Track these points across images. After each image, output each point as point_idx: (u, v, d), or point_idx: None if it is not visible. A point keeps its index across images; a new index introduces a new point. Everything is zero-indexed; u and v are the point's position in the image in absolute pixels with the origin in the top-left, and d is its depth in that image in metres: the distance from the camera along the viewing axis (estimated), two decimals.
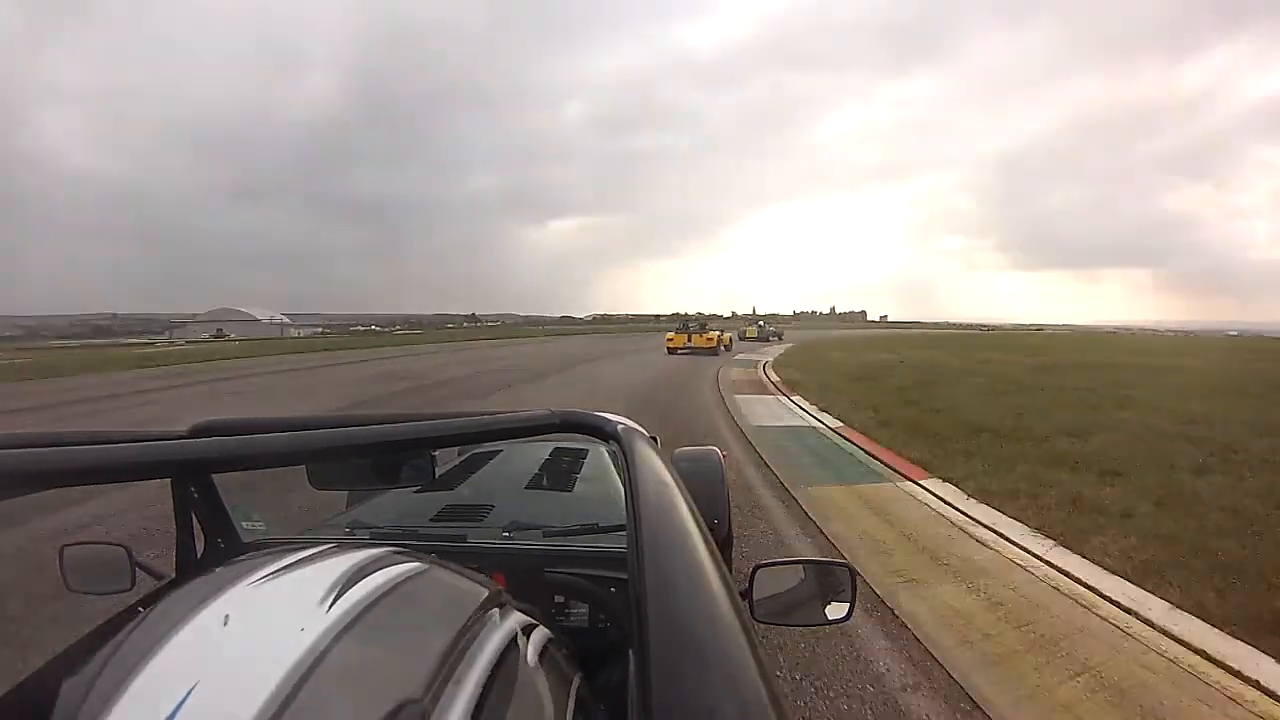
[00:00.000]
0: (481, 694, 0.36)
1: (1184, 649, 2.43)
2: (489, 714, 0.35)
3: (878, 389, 10.69)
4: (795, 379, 12.55)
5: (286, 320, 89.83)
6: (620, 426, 0.83)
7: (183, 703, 0.30)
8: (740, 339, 29.20)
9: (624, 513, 0.67)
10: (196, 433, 0.83)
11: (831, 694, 2.16)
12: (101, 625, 0.85)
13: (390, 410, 5.68)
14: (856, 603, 1.10)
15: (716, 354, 21.28)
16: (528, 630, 0.47)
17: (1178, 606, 2.75)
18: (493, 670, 0.38)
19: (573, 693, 0.47)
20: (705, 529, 0.52)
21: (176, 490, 1.04)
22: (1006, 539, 3.64)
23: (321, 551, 0.43)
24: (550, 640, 0.49)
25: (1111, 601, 2.83)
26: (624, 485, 0.67)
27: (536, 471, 1.88)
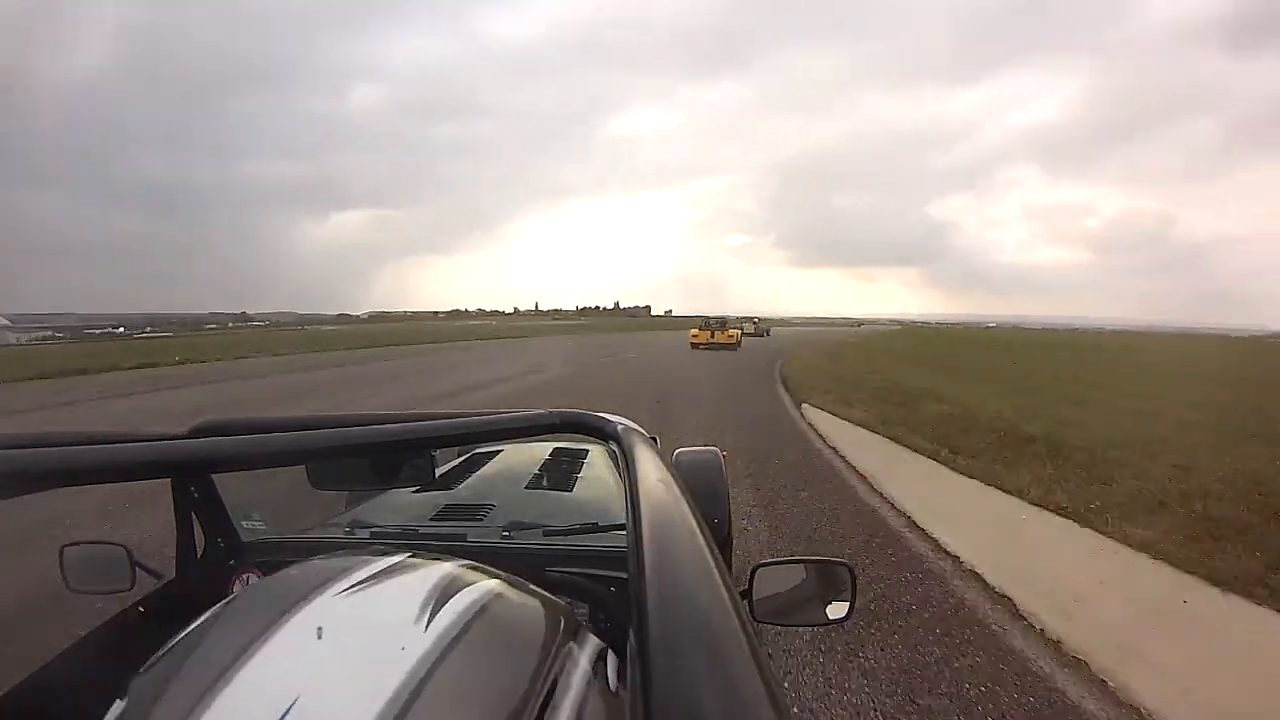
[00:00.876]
0: (577, 716, 0.37)
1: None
2: None
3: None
4: None
5: (5, 323, 74.38)
6: (620, 426, 0.83)
7: (288, 713, 0.29)
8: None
9: (624, 512, 0.67)
10: (196, 433, 0.83)
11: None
12: (102, 625, 0.85)
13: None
14: (856, 602, 1.09)
15: (737, 349, 23.25)
16: (603, 654, 0.48)
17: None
18: (584, 694, 0.39)
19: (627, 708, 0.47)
20: (705, 529, 0.52)
21: (176, 490, 1.04)
22: None
23: (399, 563, 0.43)
24: (619, 664, 0.49)
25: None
26: (624, 485, 0.67)
27: (536, 471, 1.89)
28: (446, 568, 0.44)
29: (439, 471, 0.99)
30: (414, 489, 1.52)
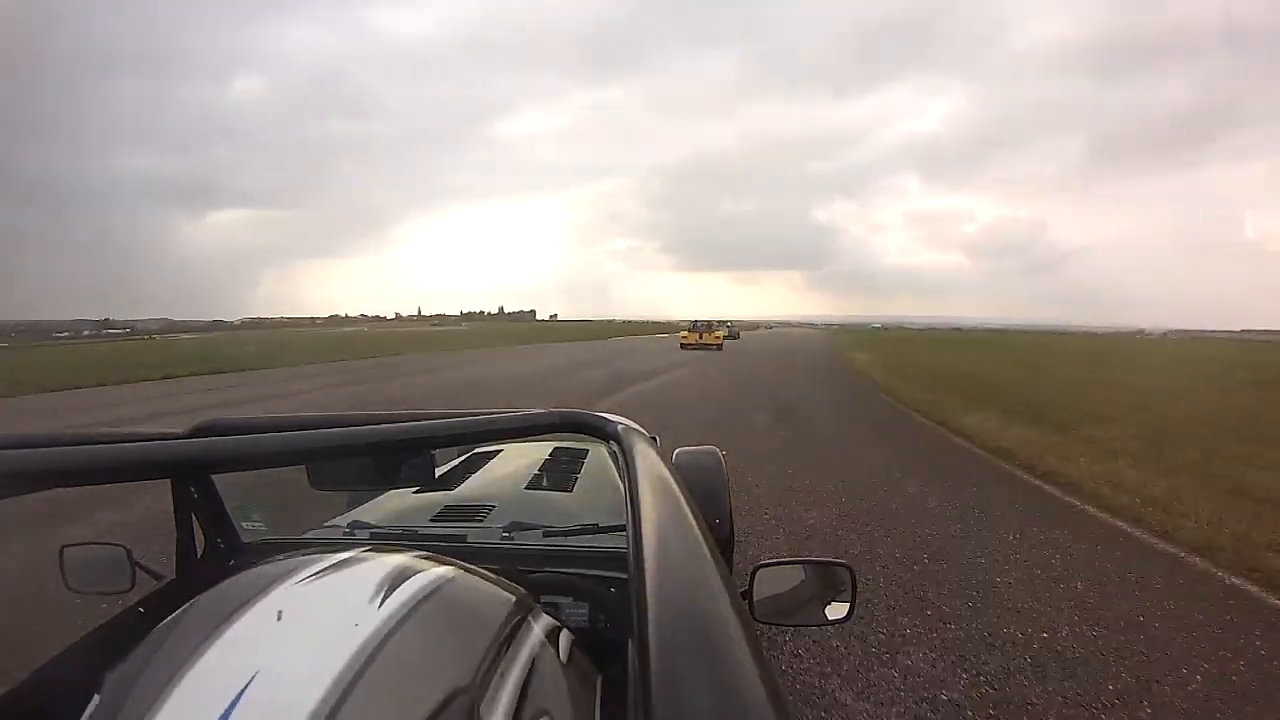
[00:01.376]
0: (523, 688, 0.38)
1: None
2: (530, 706, 0.37)
3: None
4: None
5: None
6: (620, 426, 0.83)
7: (243, 692, 0.31)
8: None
9: (624, 513, 0.67)
10: (196, 433, 0.83)
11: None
12: (102, 626, 0.85)
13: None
14: (857, 603, 1.09)
15: (721, 349, 25.64)
16: (555, 632, 0.49)
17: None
18: (532, 663, 0.41)
19: (598, 691, 0.48)
20: (705, 529, 0.52)
21: (176, 490, 1.04)
22: None
23: (356, 555, 0.45)
24: (575, 643, 0.50)
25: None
26: (624, 485, 0.67)
27: (536, 472, 1.88)
28: (403, 557, 0.45)
29: (439, 472, 0.99)
30: (414, 489, 1.52)
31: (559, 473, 1.89)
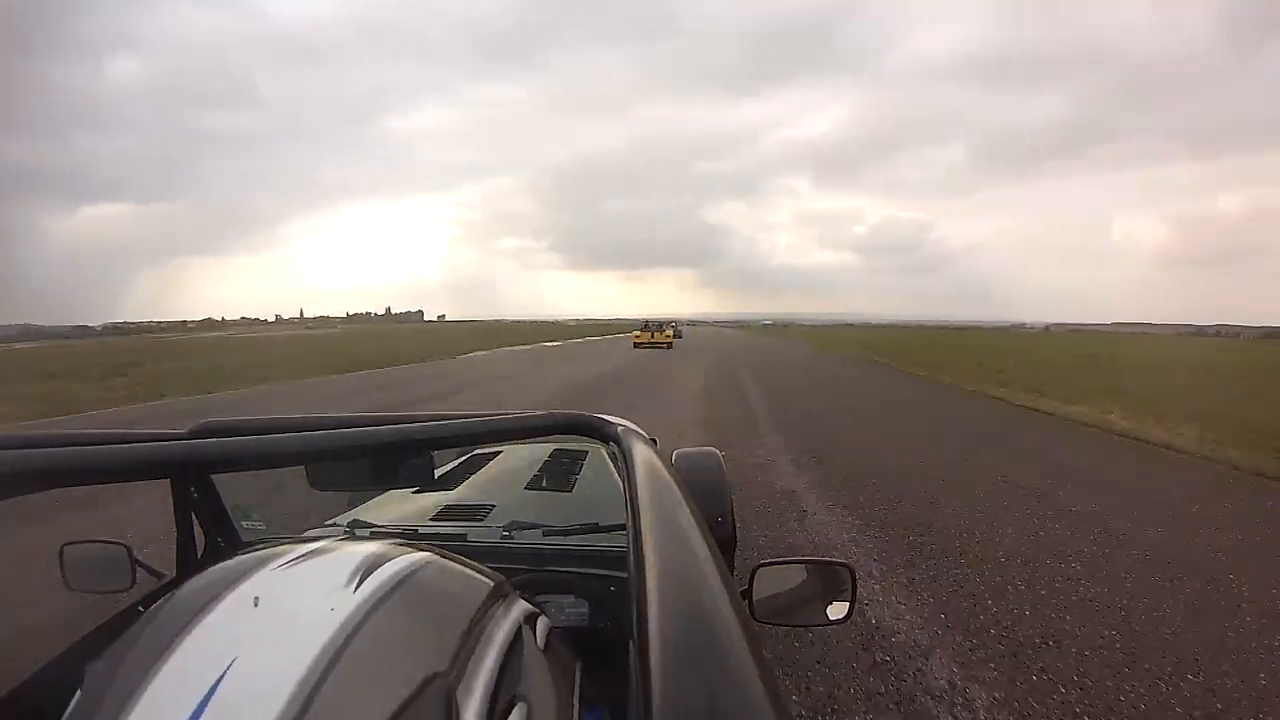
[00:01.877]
0: (499, 672, 0.38)
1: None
2: (505, 691, 0.38)
3: None
4: None
5: None
6: (619, 428, 0.83)
7: (222, 677, 0.31)
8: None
9: (624, 513, 0.67)
10: (197, 433, 0.83)
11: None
12: (102, 625, 0.85)
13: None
14: (857, 603, 1.10)
15: (671, 347, 28.51)
16: (532, 619, 0.49)
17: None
18: (507, 651, 0.41)
19: (576, 678, 0.48)
20: (705, 529, 0.52)
21: (176, 490, 1.04)
22: None
23: (331, 544, 0.45)
24: (553, 630, 0.50)
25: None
26: (623, 485, 0.67)
27: (536, 472, 1.89)
28: (378, 544, 0.46)
29: (439, 472, 0.99)
30: (415, 489, 1.52)
31: (559, 473, 1.89)
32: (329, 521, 1.50)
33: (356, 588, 0.39)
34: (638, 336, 30.23)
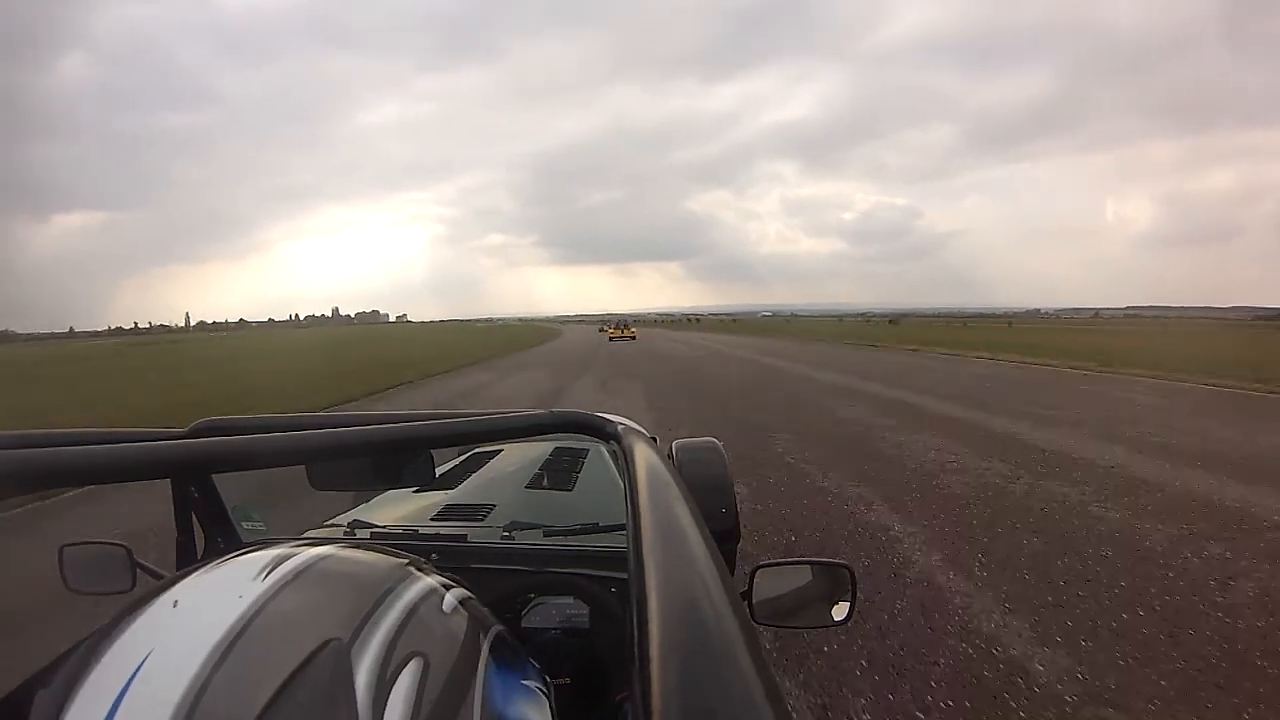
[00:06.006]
0: (397, 631, 0.41)
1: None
2: (403, 647, 0.40)
3: None
4: None
5: None
6: (620, 426, 0.83)
7: (140, 667, 0.35)
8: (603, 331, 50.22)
9: (624, 512, 0.67)
10: (196, 432, 0.83)
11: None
12: (102, 625, 0.85)
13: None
14: (857, 605, 1.09)
15: (635, 338, 38.20)
16: (446, 587, 0.50)
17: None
18: (409, 612, 0.43)
19: (488, 635, 0.49)
20: (705, 529, 0.52)
21: (176, 490, 1.04)
22: None
23: (250, 548, 0.48)
24: (469, 597, 0.52)
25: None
26: (624, 485, 0.67)
27: (537, 471, 1.89)
28: (295, 544, 0.49)
29: (439, 471, 0.99)
30: (414, 489, 1.52)
31: (559, 472, 1.89)
32: (329, 521, 1.50)
33: (266, 576, 0.42)
34: (611, 332, 41.38)
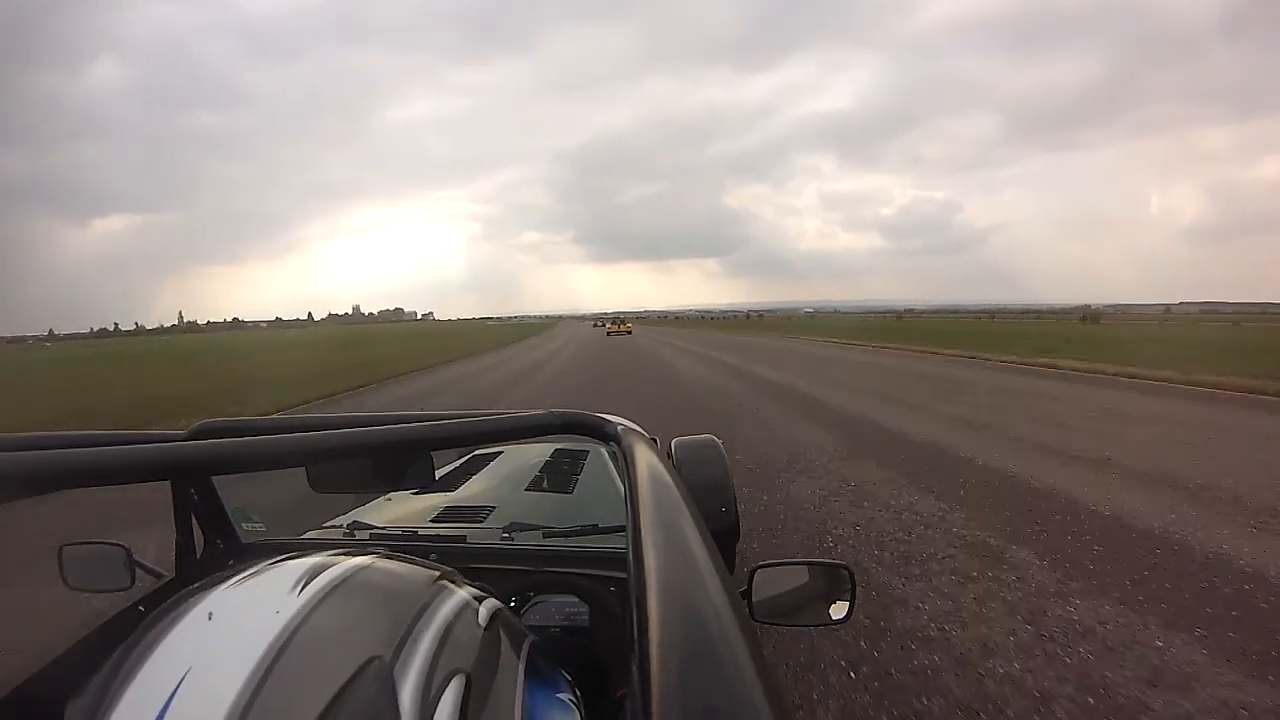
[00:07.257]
0: (438, 647, 0.40)
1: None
2: (443, 665, 0.39)
3: None
4: None
5: None
6: (620, 427, 0.83)
7: (179, 686, 0.34)
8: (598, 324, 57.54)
9: (624, 513, 0.68)
10: (196, 434, 0.83)
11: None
12: (102, 625, 0.85)
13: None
14: (856, 604, 1.10)
15: (631, 333, 42.56)
16: (479, 599, 0.50)
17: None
18: (447, 628, 0.42)
19: (524, 650, 0.49)
20: (704, 528, 0.52)
21: (176, 491, 1.04)
22: None
23: (281, 559, 0.47)
24: (500, 609, 0.51)
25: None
26: (623, 486, 0.67)
27: (537, 473, 1.89)
28: (323, 555, 0.48)
29: (439, 473, 0.99)
30: (414, 490, 1.52)
31: (559, 474, 1.89)
32: (329, 523, 1.50)
33: (301, 590, 0.41)
34: (610, 327, 45.93)
